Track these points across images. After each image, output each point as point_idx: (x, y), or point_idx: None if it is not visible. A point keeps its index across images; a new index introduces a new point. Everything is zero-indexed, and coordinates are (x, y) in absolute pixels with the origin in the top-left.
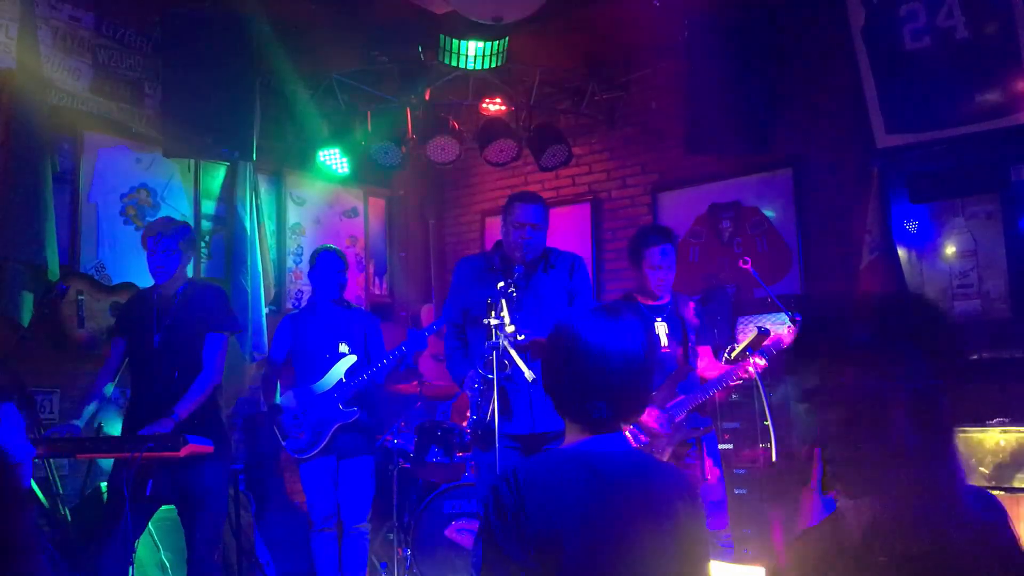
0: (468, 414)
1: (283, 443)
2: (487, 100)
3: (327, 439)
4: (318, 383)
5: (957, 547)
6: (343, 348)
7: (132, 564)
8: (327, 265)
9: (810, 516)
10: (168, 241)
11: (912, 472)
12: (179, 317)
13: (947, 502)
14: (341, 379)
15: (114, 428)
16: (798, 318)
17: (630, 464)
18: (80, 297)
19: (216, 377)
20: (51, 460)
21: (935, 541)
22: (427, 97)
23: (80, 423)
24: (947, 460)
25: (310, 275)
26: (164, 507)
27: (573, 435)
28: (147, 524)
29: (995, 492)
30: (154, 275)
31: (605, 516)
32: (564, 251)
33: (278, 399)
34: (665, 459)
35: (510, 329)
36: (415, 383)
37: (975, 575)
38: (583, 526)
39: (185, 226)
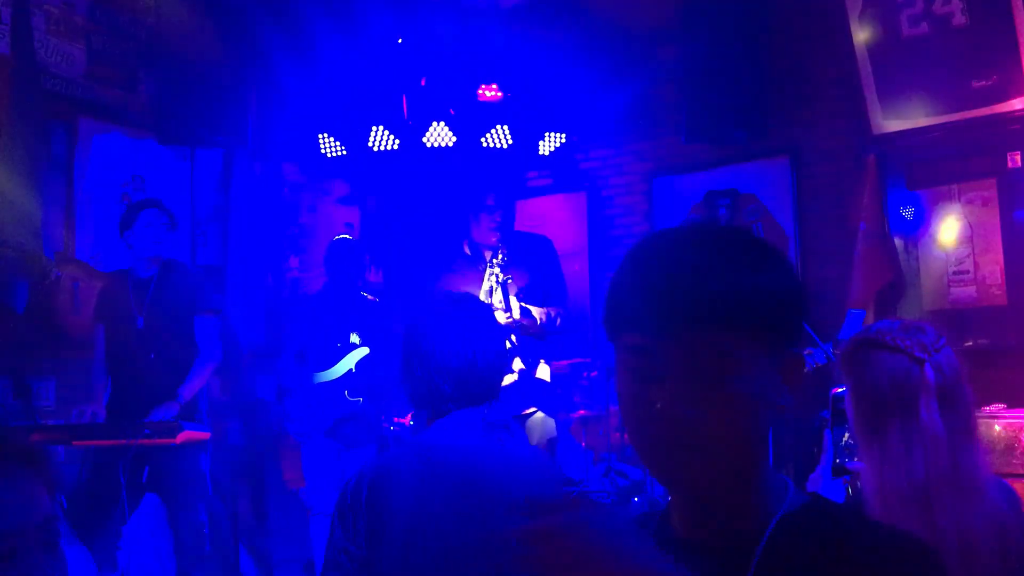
0: None
1: (287, 425)
2: (483, 87)
3: (331, 424)
4: (328, 371)
5: (976, 534)
6: (354, 339)
7: (131, 550)
8: (342, 254)
9: None
10: (167, 218)
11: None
12: (159, 298)
13: (970, 488)
14: (351, 369)
15: None
16: None
17: (466, 452)
18: (75, 284)
19: (217, 358)
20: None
21: (957, 527)
22: (423, 83)
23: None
24: (971, 444)
25: (325, 263)
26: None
27: (426, 424)
28: (137, 510)
29: None
30: (147, 249)
31: (430, 504)
32: (531, 234)
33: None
34: None
35: (517, 315)
36: None
37: (990, 562)
38: (408, 515)
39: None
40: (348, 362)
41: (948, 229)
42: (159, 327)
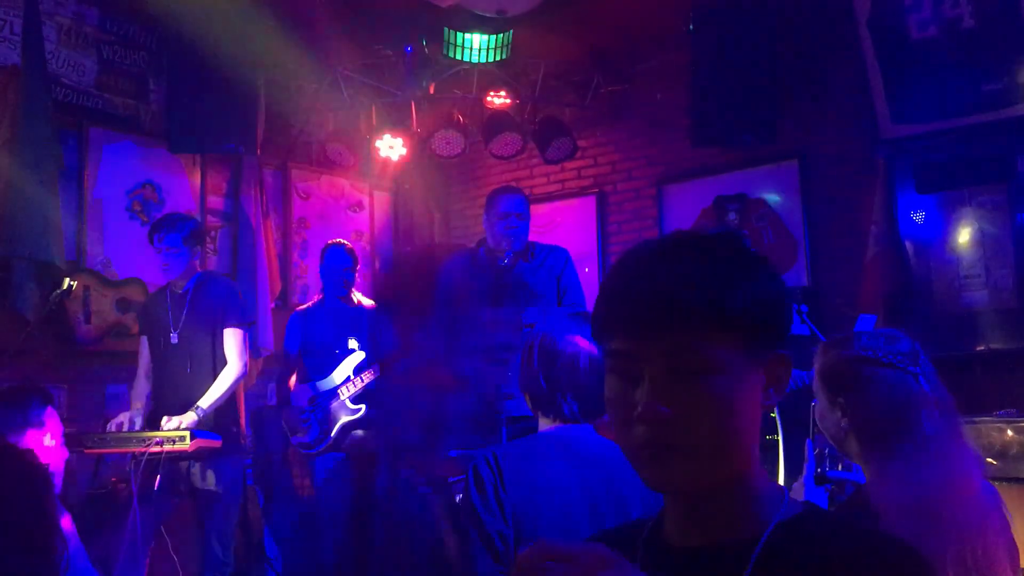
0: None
1: (291, 438)
2: (492, 93)
3: (334, 435)
4: (326, 379)
5: (978, 539)
6: (352, 344)
7: (146, 559)
8: (336, 260)
9: None
10: (172, 239)
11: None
12: (193, 313)
13: (967, 490)
14: (349, 375)
15: None
16: (804, 309)
17: (599, 444)
18: (87, 293)
19: (242, 372)
20: None
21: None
22: (432, 91)
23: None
24: (967, 448)
25: (320, 269)
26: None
27: (546, 426)
28: (160, 519)
29: (1003, 483)
30: (161, 273)
31: (577, 485)
32: (550, 244)
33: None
34: None
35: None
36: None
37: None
38: (557, 495)
39: (190, 220)
40: (346, 368)
41: (959, 233)
42: (193, 341)
